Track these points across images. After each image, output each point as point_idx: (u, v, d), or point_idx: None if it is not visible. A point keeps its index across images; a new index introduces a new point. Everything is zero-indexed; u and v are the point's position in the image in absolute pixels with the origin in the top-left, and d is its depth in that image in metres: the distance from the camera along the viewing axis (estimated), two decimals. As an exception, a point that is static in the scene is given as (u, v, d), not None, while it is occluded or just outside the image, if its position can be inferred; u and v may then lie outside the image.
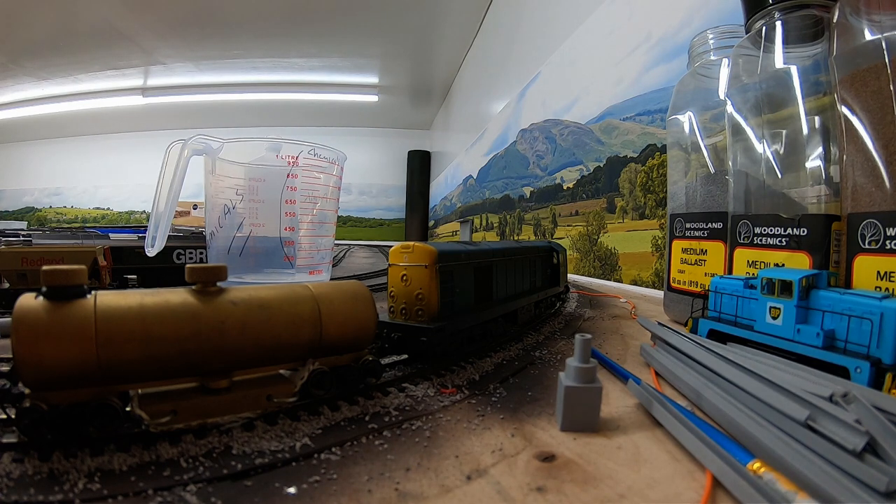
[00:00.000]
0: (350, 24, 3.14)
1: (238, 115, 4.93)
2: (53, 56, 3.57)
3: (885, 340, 0.29)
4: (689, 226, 0.58)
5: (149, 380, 0.24)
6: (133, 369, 0.23)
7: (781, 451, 0.21)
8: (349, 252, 2.48)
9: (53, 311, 0.21)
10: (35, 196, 6.04)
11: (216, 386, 0.25)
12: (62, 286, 0.22)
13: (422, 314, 0.37)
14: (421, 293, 0.37)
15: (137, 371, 0.23)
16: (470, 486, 0.21)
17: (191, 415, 0.24)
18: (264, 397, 0.27)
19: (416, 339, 0.36)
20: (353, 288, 0.31)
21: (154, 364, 0.23)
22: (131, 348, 0.22)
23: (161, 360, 0.23)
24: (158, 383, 0.24)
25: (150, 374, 0.24)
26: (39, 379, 0.21)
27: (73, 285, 0.22)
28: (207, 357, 0.25)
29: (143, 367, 0.23)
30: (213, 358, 0.25)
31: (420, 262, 0.37)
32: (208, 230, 0.63)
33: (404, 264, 0.38)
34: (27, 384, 0.21)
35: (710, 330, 0.43)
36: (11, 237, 0.98)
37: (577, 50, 1.51)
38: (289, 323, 0.27)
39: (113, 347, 0.22)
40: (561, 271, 0.65)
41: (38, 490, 0.19)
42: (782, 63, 0.44)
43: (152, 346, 0.23)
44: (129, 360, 0.23)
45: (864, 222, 0.36)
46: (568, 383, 0.26)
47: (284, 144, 0.61)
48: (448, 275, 0.38)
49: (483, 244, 0.47)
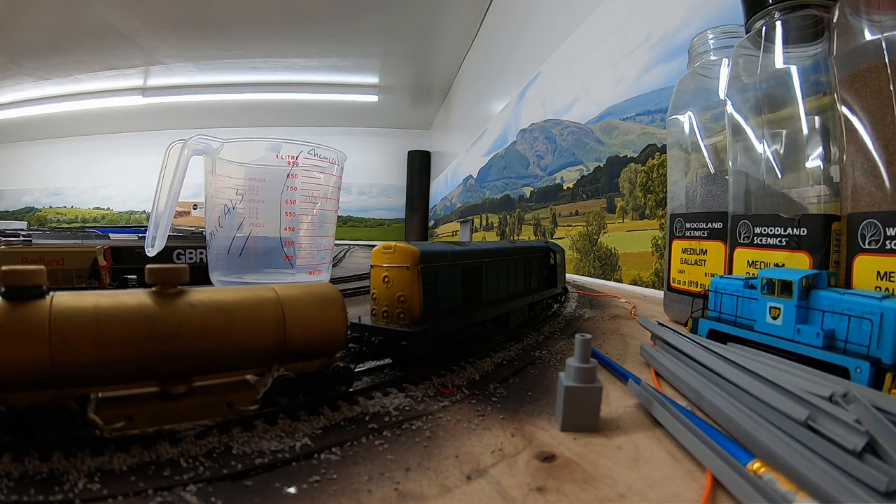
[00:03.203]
0: (350, 24, 3.14)
1: (238, 115, 4.93)
2: (53, 56, 3.57)
3: (885, 340, 0.29)
4: (689, 226, 0.58)
5: (105, 383, 0.23)
6: (88, 372, 0.22)
7: (781, 451, 0.21)
8: (349, 252, 2.48)
9: (9, 312, 0.21)
10: (35, 196, 6.04)
11: (175, 391, 0.24)
12: (20, 286, 0.22)
13: (403, 317, 0.36)
14: (403, 295, 0.35)
15: (92, 374, 0.23)
16: (470, 486, 0.21)
17: (146, 421, 0.24)
18: (225, 404, 0.25)
19: (397, 344, 0.34)
20: (322, 290, 0.30)
21: (109, 367, 0.23)
22: (85, 350, 0.22)
23: (116, 362, 0.23)
24: (117, 387, 0.24)
25: (105, 377, 0.23)
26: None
27: (30, 286, 0.22)
28: (164, 360, 0.24)
29: (98, 369, 0.23)
30: (169, 362, 0.24)
31: (402, 262, 0.36)
32: (208, 230, 0.63)
33: (386, 265, 0.36)
34: None
35: (710, 330, 0.43)
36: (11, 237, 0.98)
37: (577, 50, 1.51)
38: (250, 326, 0.26)
39: (67, 349, 0.22)
40: (559, 272, 0.64)
41: (38, 490, 0.19)
42: (782, 63, 0.44)
43: (106, 348, 0.22)
44: (84, 362, 0.22)
45: (864, 222, 0.36)
46: (568, 383, 0.26)
47: (284, 144, 0.60)
48: (432, 276, 0.37)
49: (473, 244, 0.46)
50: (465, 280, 0.42)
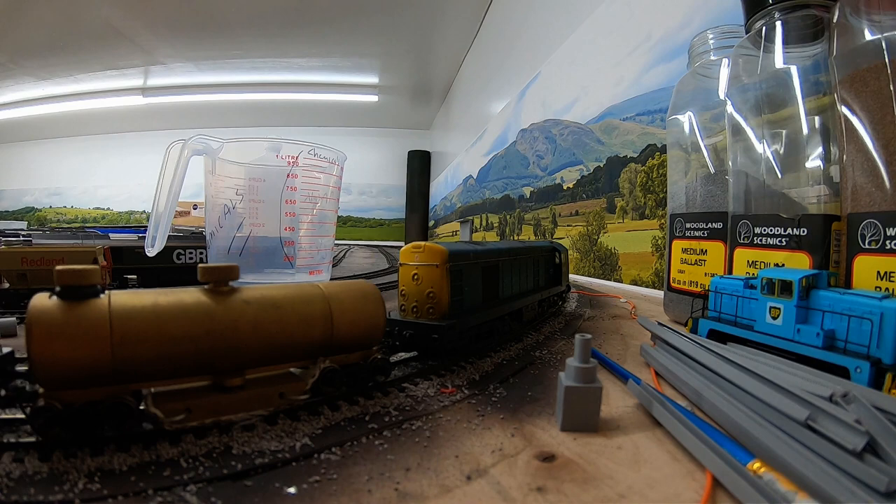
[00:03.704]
0: (350, 24, 3.14)
1: (238, 115, 4.93)
2: (53, 56, 3.57)
3: (885, 340, 0.29)
4: (689, 226, 0.58)
5: (162, 378, 0.24)
6: (147, 368, 0.23)
7: (781, 451, 0.21)
8: (349, 252, 2.48)
9: (68, 311, 0.21)
10: (35, 196, 6.04)
11: (230, 384, 0.26)
12: (76, 286, 0.22)
13: (433, 312, 0.38)
14: (432, 292, 0.38)
15: (151, 370, 0.23)
16: (470, 486, 0.21)
17: (204, 413, 0.25)
18: (277, 395, 0.27)
19: (428, 337, 0.36)
20: (362, 287, 0.32)
21: (168, 363, 0.24)
22: (146, 348, 0.23)
23: (175, 358, 0.24)
24: (171, 382, 0.24)
25: (163, 372, 0.24)
26: (54, 378, 0.21)
27: (86, 285, 0.22)
28: (221, 355, 0.25)
29: (157, 366, 0.23)
30: (226, 356, 0.25)
31: (431, 261, 0.38)
32: (208, 230, 0.63)
33: (415, 263, 0.38)
34: (41, 383, 0.22)
35: (710, 330, 0.43)
36: (11, 237, 0.98)
37: (577, 50, 1.51)
38: (301, 322, 0.27)
39: (128, 347, 0.22)
40: (563, 271, 0.66)
41: (38, 490, 0.19)
42: (782, 63, 0.44)
43: (166, 345, 0.23)
44: (144, 359, 0.23)
45: (864, 222, 0.36)
46: (568, 383, 0.26)
47: (284, 144, 0.60)
48: (458, 274, 0.39)
49: (490, 244, 0.48)
50: (484, 277, 0.44)
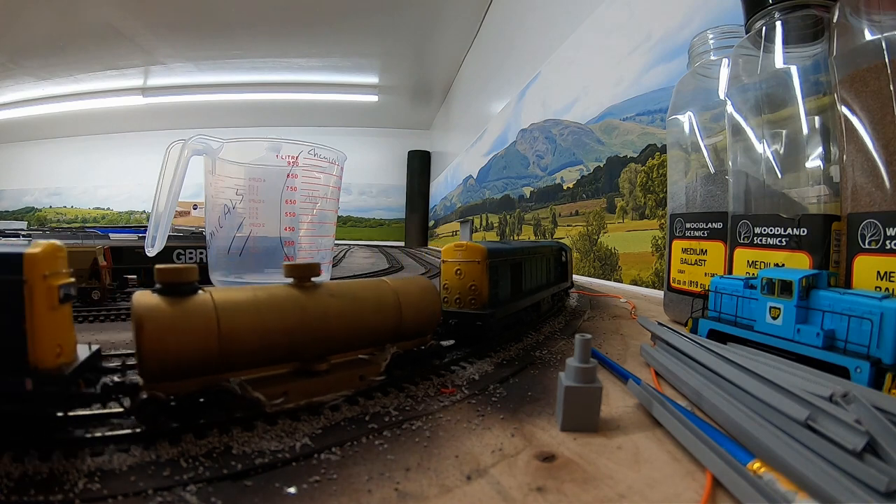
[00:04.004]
0: (350, 24, 3.14)
1: (238, 115, 4.93)
2: (53, 56, 3.57)
3: (885, 340, 0.29)
4: (689, 226, 0.58)
5: (259, 366, 0.26)
6: (247, 358, 0.25)
7: (781, 451, 0.21)
8: (349, 252, 2.48)
9: (176, 307, 0.23)
10: (35, 196, 6.04)
11: (318, 369, 0.28)
12: (177, 283, 0.24)
13: (474, 302, 0.43)
14: (474, 285, 0.42)
15: (251, 359, 0.25)
16: (470, 486, 0.21)
17: (298, 395, 0.27)
18: (357, 377, 0.30)
19: (472, 324, 0.41)
20: (423, 282, 0.36)
21: (265, 352, 0.26)
22: (248, 339, 0.25)
23: (272, 348, 0.26)
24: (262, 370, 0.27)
25: (260, 361, 0.26)
26: (164, 370, 0.23)
27: (186, 282, 0.24)
28: (310, 344, 0.28)
29: (256, 355, 0.25)
30: (314, 344, 0.28)
31: (473, 258, 0.43)
32: (208, 230, 0.63)
33: (458, 260, 0.43)
34: (150, 376, 0.23)
35: (710, 330, 0.43)
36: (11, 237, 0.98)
37: (577, 50, 1.51)
38: (376, 312, 0.31)
39: (233, 339, 0.24)
40: (568, 268, 0.72)
41: (38, 490, 0.19)
42: (782, 63, 0.44)
43: (265, 336, 0.25)
44: (246, 349, 0.25)
45: (864, 222, 0.36)
46: (568, 383, 0.26)
47: (284, 144, 0.60)
48: (495, 269, 0.44)
49: (514, 243, 0.53)
50: (512, 273, 0.49)
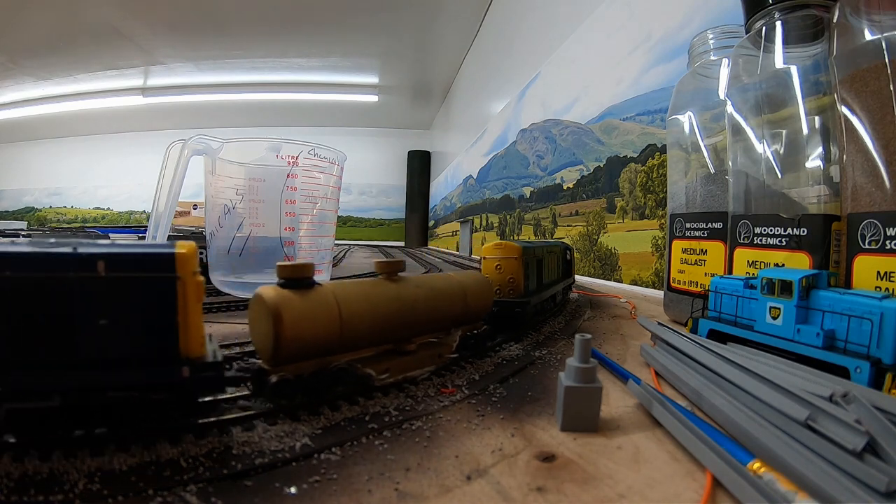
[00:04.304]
0: (350, 23, 3.14)
1: (238, 115, 4.93)
2: (53, 56, 3.57)
3: (885, 340, 0.29)
4: (689, 226, 0.58)
5: (364, 348, 0.31)
6: (360, 341, 0.30)
7: (781, 451, 0.21)
8: (349, 252, 2.48)
9: (305, 298, 0.27)
10: (35, 196, 6.04)
11: (407, 349, 0.33)
12: (298, 278, 0.27)
13: (512, 293, 0.49)
14: (513, 278, 0.49)
15: (362, 342, 0.30)
16: (470, 486, 0.21)
17: (396, 371, 0.32)
18: (436, 355, 0.35)
19: (511, 311, 0.48)
20: (478, 276, 0.42)
21: (373, 335, 0.30)
22: (361, 324, 0.29)
23: (378, 332, 0.31)
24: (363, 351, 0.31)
25: (367, 343, 0.31)
26: (296, 354, 0.26)
27: (306, 277, 0.27)
28: (403, 328, 0.33)
29: (365, 338, 0.30)
30: (406, 328, 0.33)
31: (511, 255, 0.50)
32: (208, 230, 0.63)
33: (498, 257, 0.50)
34: (281, 359, 0.26)
35: (710, 330, 0.43)
36: (11, 237, 0.98)
37: (577, 50, 1.51)
38: (450, 301, 0.36)
39: (351, 324, 0.28)
40: (572, 265, 0.80)
41: (38, 490, 0.19)
42: (782, 63, 0.44)
43: (373, 321, 0.30)
44: (360, 333, 0.29)
45: (864, 222, 0.36)
46: (568, 383, 0.26)
47: (284, 144, 0.61)
48: (527, 265, 0.51)
49: (535, 242, 0.59)
50: (537, 268, 0.55)
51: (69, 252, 0.20)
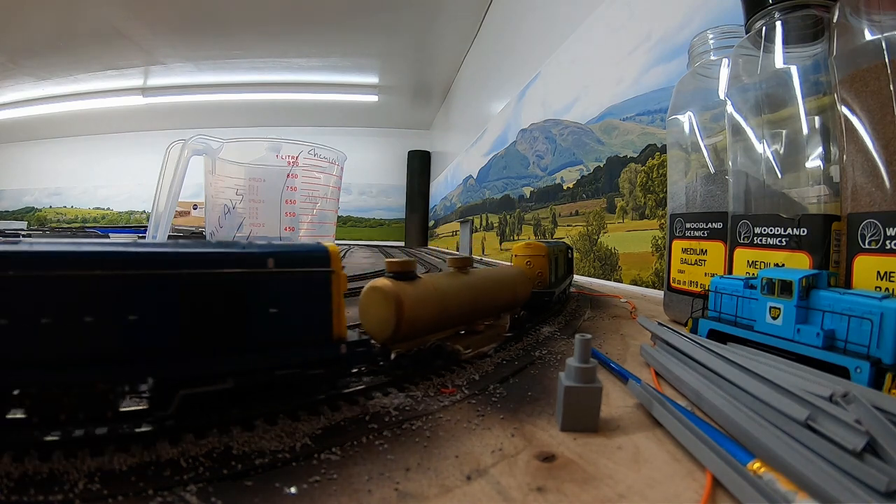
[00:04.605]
0: (350, 24, 3.14)
1: (238, 115, 4.93)
2: (53, 56, 3.56)
3: (885, 340, 0.29)
4: (689, 226, 0.58)
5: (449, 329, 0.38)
6: (450, 322, 0.36)
7: (781, 451, 0.21)
8: (349, 252, 2.48)
9: (416, 288, 0.33)
10: (35, 196, 6.03)
11: (478, 329, 0.42)
12: (405, 272, 0.33)
13: (540, 284, 0.59)
14: (541, 272, 0.59)
15: (451, 323, 0.37)
16: (470, 486, 0.21)
17: (475, 346, 0.40)
18: (497, 334, 0.44)
19: (541, 299, 0.57)
20: (520, 270, 0.51)
21: (459, 318, 0.38)
22: (453, 309, 0.36)
23: (461, 315, 0.38)
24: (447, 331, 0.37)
25: (455, 324, 0.38)
26: (409, 334, 0.32)
27: (412, 271, 0.34)
28: (475, 312, 0.40)
29: (455, 320, 0.37)
30: (478, 312, 0.40)
31: (539, 253, 0.60)
32: (208, 230, 0.63)
33: (528, 255, 0.60)
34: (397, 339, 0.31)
35: (710, 330, 0.43)
36: (11, 237, 0.98)
37: (577, 50, 1.51)
38: (505, 290, 0.45)
39: (448, 309, 0.35)
40: (573, 263, 0.87)
41: (38, 490, 0.19)
42: (782, 63, 0.44)
43: (460, 307, 0.37)
44: (453, 316, 0.36)
45: (864, 222, 0.36)
46: (568, 383, 0.26)
47: (284, 144, 0.61)
48: (550, 261, 0.61)
49: (549, 242, 0.66)
50: (556, 264, 0.64)
51: (244, 251, 0.24)
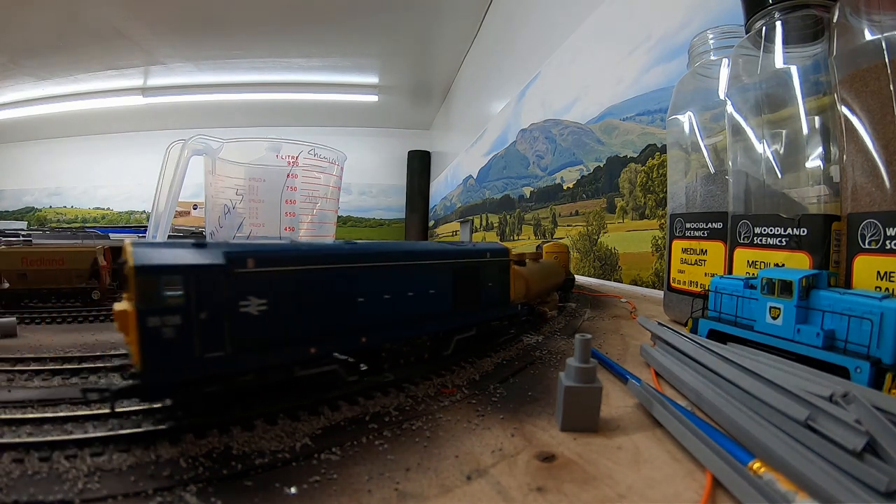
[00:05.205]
0: (350, 24, 3.14)
1: (238, 115, 4.93)
2: (53, 56, 3.56)
3: (885, 340, 0.29)
4: (689, 226, 0.58)
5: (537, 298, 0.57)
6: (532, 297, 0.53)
7: (781, 451, 0.21)
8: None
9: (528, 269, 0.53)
10: (35, 196, 6.03)
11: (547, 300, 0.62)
12: (521, 259, 0.54)
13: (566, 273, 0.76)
14: (564, 264, 0.78)
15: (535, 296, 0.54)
16: (470, 486, 0.21)
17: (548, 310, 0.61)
18: (553, 307, 0.64)
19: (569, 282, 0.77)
20: (556, 262, 0.70)
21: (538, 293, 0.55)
22: (536, 287, 0.54)
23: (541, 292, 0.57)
24: None
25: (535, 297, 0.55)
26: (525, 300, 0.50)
27: (524, 260, 0.55)
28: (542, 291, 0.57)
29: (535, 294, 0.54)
30: (544, 291, 0.58)
31: (562, 249, 0.80)
32: (208, 230, 0.63)
33: (555, 251, 0.79)
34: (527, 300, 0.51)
35: (710, 330, 0.43)
36: (11, 237, 0.98)
37: (577, 50, 1.51)
38: (553, 276, 0.63)
39: (535, 286, 0.53)
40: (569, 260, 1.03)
41: (38, 490, 0.19)
42: (782, 63, 0.44)
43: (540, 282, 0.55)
44: (537, 292, 0.54)
45: (864, 222, 0.36)
46: (568, 383, 0.26)
47: (284, 144, 0.60)
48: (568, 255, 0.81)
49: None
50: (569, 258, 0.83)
51: (476, 248, 0.42)
